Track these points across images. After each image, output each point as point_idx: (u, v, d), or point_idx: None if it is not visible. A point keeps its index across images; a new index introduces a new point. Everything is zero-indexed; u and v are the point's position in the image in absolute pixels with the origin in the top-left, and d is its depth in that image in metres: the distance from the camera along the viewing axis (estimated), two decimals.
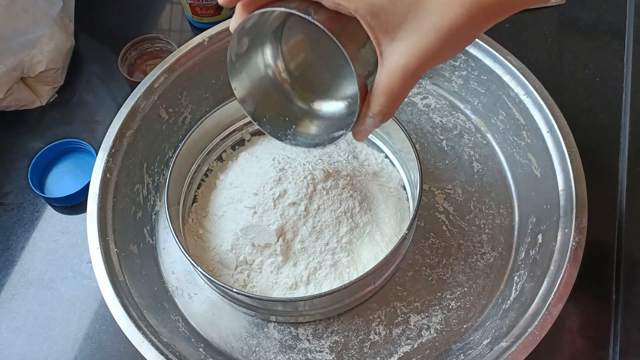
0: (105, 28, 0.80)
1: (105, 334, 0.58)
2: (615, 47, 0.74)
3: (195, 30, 0.79)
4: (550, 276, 0.52)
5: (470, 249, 0.60)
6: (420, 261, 0.60)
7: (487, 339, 0.53)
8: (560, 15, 0.78)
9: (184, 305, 0.58)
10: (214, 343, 0.56)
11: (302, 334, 0.56)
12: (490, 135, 0.67)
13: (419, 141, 0.68)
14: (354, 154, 0.64)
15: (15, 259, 0.62)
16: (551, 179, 0.57)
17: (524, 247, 0.59)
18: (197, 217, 0.62)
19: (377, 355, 0.55)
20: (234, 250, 0.57)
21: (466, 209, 0.63)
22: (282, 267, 0.56)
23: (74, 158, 0.69)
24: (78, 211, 0.65)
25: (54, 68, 0.71)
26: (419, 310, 0.57)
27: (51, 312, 0.59)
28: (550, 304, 0.49)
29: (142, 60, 0.75)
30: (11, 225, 0.65)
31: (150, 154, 0.63)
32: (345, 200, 0.57)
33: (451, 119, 0.69)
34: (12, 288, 0.61)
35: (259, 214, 0.56)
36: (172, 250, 0.61)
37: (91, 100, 0.74)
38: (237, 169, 0.62)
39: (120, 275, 0.54)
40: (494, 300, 0.57)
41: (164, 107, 0.64)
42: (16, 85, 0.70)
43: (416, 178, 0.56)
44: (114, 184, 0.58)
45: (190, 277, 0.60)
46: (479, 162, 0.66)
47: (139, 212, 0.61)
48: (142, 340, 0.49)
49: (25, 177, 0.67)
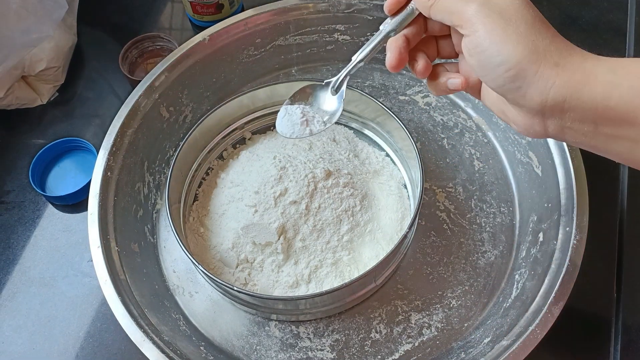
0: (107, 26, 0.80)
1: (106, 332, 0.58)
2: (616, 46, 0.74)
3: (196, 28, 0.79)
4: (551, 274, 0.52)
5: (471, 248, 0.60)
6: (421, 259, 0.60)
7: (488, 338, 0.53)
8: (562, 14, 0.78)
9: (185, 304, 0.58)
10: (215, 341, 0.56)
11: (303, 333, 0.56)
12: (491, 133, 0.67)
13: (420, 140, 0.68)
14: (355, 153, 0.64)
15: (17, 258, 0.62)
16: (552, 177, 0.57)
17: (525, 245, 0.59)
18: (198, 216, 0.62)
19: (378, 353, 0.55)
20: (235, 248, 0.57)
21: (467, 208, 0.63)
22: (283, 266, 0.56)
23: (75, 156, 0.69)
24: (79, 210, 0.65)
25: (54, 66, 0.71)
26: (419, 308, 0.57)
27: (52, 310, 0.59)
28: (551, 303, 0.49)
29: (143, 58, 0.75)
30: (12, 223, 0.65)
31: (151, 153, 0.63)
32: (346, 199, 0.57)
33: (452, 117, 0.69)
34: (13, 286, 0.61)
35: (260, 212, 0.56)
36: (173, 248, 0.61)
37: (92, 98, 0.74)
38: (238, 167, 0.62)
39: (121, 273, 0.54)
40: (494, 299, 0.57)
41: (164, 106, 0.64)
42: (17, 84, 0.70)
43: (417, 176, 0.56)
44: (115, 182, 0.58)
45: (191, 276, 0.60)
46: (480, 161, 0.66)
47: (140, 210, 0.61)
48: (143, 338, 0.49)
49: (26, 176, 0.67)
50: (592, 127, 0.35)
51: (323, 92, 0.48)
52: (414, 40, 0.43)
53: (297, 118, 0.49)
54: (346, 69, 0.46)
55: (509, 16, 0.36)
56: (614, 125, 0.34)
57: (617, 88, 0.33)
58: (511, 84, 0.36)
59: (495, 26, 0.36)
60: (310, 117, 0.49)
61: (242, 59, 0.69)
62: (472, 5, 0.37)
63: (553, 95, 0.35)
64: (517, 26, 0.35)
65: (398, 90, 0.72)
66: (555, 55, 0.35)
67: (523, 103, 0.36)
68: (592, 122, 0.35)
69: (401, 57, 0.41)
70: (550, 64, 0.35)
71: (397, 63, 0.41)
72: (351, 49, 0.71)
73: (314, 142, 0.64)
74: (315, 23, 0.69)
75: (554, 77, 0.34)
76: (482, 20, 0.36)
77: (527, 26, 0.35)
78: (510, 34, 0.35)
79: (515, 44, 0.35)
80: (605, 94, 0.34)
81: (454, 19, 0.38)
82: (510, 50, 0.35)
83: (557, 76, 0.34)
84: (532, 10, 0.36)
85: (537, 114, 0.36)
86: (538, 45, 0.35)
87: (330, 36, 0.70)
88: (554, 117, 0.36)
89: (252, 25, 0.67)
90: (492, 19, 0.36)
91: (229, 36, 0.66)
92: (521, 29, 0.35)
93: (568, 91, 0.34)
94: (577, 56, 0.35)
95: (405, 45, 0.42)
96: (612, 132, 0.35)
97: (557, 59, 0.35)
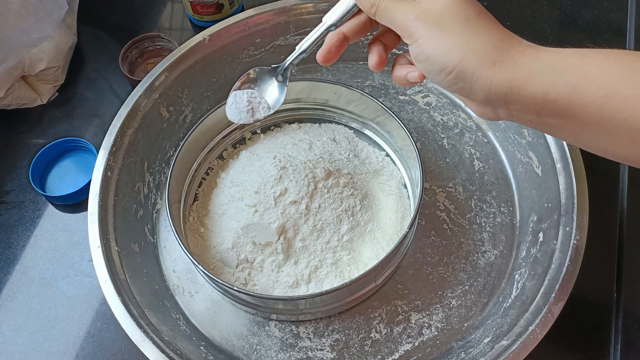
0: (107, 26, 0.80)
1: (106, 332, 0.58)
2: (616, 46, 0.74)
3: (196, 28, 0.79)
4: (551, 274, 0.52)
5: (471, 247, 0.60)
6: (421, 259, 0.60)
7: (488, 338, 0.53)
8: (562, 14, 0.78)
9: (185, 304, 0.58)
10: (215, 341, 0.56)
11: (303, 332, 0.56)
12: (492, 133, 0.67)
13: (420, 139, 0.68)
14: (355, 153, 0.64)
15: (17, 258, 0.62)
16: (552, 177, 0.57)
17: (525, 245, 0.59)
18: (198, 216, 0.62)
19: (378, 353, 0.55)
20: (235, 248, 0.57)
21: (467, 208, 0.63)
22: (283, 266, 0.56)
23: (75, 156, 0.69)
24: (79, 210, 0.65)
25: (54, 66, 0.71)
26: (419, 308, 0.57)
27: (52, 310, 0.59)
28: (551, 302, 0.49)
29: (143, 58, 0.75)
30: (12, 223, 0.65)
31: (151, 153, 0.64)
32: (346, 199, 0.57)
33: (452, 117, 0.69)
34: (13, 286, 0.61)
35: (260, 212, 0.56)
36: (173, 248, 0.61)
37: (92, 98, 0.74)
38: (238, 167, 0.62)
39: (121, 273, 0.54)
40: (494, 299, 0.57)
41: (164, 106, 0.64)
42: (17, 84, 0.70)
43: (417, 176, 0.56)
44: (114, 182, 0.58)
45: (191, 276, 0.60)
46: (480, 161, 0.66)
47: (140, 210, 0.61)
48: (143, 338, 0.49)
49: (26, 176, 0.67)
50: (535, 117, 0.37)
51: (269, 77, 0.50)
52: (355, 36, 0.44)
53: (243, 105, 0.50)
54: (290, 58, 0.48)
55: (444, 21, 0.38)
56: (555, 117, 0.36)
57: (555, 85, 0.35)
58: (455, 85, 0.38)
59: (432, 35, 0.38)
60: (255, 104, 0.50)
61: (242, 59, 0.69)
62: (410, 15, 0.38)
63: (495, 90, 0.37)
64: (450, 30, 0.37)
65: (398, 90, 0.72)
66: (492, 53, 0.37)
67: (471, 97, 0.39)
68: (535, 113, 0.37)
69: (330, 55, 0.44)
70: (488, 62, 0.36)
71: (324, 59, 0.44)
72: (351, 48, 0.70)
73: (314, 142, 0.64)
74: (315, 23, 0.68)
75: (491, 75, 0.36)
76: (419, 31, 0.38)
77: (460, 27, 0.37)
78: (445, 41, 0.37)
79: (450, 48, 0.37)
80: (544, 90, 0.35)
81: (396, 28, 0.40)
82: (447, 56, 0.37)
83: (495, 75, 0.36)
84: (467, 8, 0.38)
85: (486, 105, 0.39)
86: (473, 45, 0.37)
87: None
88: (501, 107, 0.38)
89: (252, 25, 0.67)
90: (428, 28, 0.38)
91: (229, 36, 0.66)
92: (455, 32, 0.37)
93: (509, 87, 0.36)
94: (515, 52, 0.37)
95: (338, 44, 0.44)
96: (554, 122, 0.37)
97: (494, 56, 0.36)
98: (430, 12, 0.38)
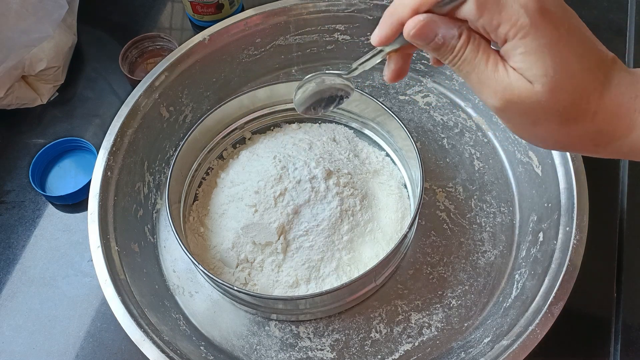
0: (107, 26, 0.80)
1: (106, 332, 0.58)
2: (616, 46, 0.74)
3: (196, 28, 0.79)
4: (551, 274, 0.52)
5: (471, 247, 0.60)
6: (421, 259, 0.60)
7: (488, 338, 0.53)
8: None
9: (185, 304, 0.58)
10: (215, 341, 0.56)
11: (303, 332, 0.56)
12: (492, 133, 0.67)
13: (420, 139, 0.68)
14: (355, 152, 0.64)
15: (17, 257, 0.62)
16: (552, 177, 0.57)
17: (525, 245, 0.59)
18: (198, 216, 0.62)
19: (378, 353, 0.55)
20: (235, 248, 0.57)
21: (467, 207, 0.63)
22: (283, 266, 0.56)
23: (75, 156, 0.69)
24: (79, 209, 0.65)
25: (54, 66, 0.71)
26: (419, 308, 0.57)
27: (52, 310, 0.59)
28: (551, 303, 0.49)
29: (143, 58, 0.75)
30: (12, 223, 0.65)
31: (151, 153, 0.64)
32: (346, 199, 0.57)
33: (452, 117, 0.69)
34: (13, 286, 0.61)
35: (260, 212, 0.56)
36: (173, 248, 0.61)
37: (92, 98, 0.74)
38: (238, 167, 0.62)
39: (121, 273, 0.54)
40: (494, 299, 0.57)
41: (164, 106, 0.64)
42: (17, 84, 0.70)
43: (417, 176, 0.56)
44: (115, 182, 0.58)
45: (191, 276, 0.60)
46: (480, 161, 0.66)
47: (140, 210, 0.61)
48: (143, 338, 0.49)
49: (26, 176, 0.67)
50: (623, 157, 0.35)
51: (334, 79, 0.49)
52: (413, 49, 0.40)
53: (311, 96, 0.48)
54: (360, 62, 0.44)
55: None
56: None
57: None
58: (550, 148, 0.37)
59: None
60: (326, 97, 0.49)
61: (242, 59, 0.69)
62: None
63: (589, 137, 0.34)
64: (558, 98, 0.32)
65: (398, 90, 0.72)
66: (592, 103, 0.32)
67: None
68: (624, 155, 0.35)
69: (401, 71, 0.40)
70: (589, 114, 0.33)
71: (395, 78, 0.40)
72: (351, 48, 0.71)
73: (314, 142, 0.64)
74: (315, 23, 0.69)
75: (589, 124, 0.33)
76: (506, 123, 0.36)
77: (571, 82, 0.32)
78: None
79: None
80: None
81: None
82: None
83: (593, 123, 0.33)
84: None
85: None
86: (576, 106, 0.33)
87: (331, 36, 0.70)
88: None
89: (252, 25, 0.67)
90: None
91: (229, 36, 0.66)
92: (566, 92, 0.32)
93: (603, 139, 0.34)
94: (610, 103, 0.33)
95: (403, 63, 0.40)
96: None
97: (595, 107, 0.33)
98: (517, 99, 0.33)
